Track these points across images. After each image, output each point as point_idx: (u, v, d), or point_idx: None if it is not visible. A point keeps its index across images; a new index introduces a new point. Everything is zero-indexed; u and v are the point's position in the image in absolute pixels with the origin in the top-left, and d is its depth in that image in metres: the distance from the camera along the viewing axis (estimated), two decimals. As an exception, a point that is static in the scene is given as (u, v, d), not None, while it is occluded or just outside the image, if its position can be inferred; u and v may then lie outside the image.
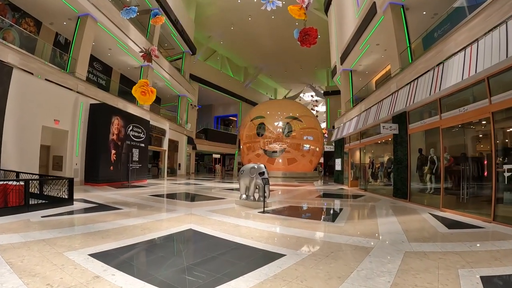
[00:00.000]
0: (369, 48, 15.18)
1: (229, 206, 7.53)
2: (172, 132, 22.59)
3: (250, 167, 7.58)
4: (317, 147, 29.09)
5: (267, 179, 7.18)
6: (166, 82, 22.03)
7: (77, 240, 4.03)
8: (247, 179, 7.61)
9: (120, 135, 13.48)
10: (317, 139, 28.81)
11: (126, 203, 7.45)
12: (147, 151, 16.29)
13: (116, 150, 13.17)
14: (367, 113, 13.15)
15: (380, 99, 12.08)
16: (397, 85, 10.90)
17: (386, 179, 12.35)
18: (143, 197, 8.87)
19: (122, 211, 6.27)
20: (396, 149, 10.65)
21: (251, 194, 7.64)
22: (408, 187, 10.02)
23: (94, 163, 12.49)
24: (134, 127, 14.61)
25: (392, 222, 6.23)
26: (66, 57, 13.10)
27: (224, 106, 43.59)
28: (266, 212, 6.76)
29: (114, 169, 13.16)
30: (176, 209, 6.92)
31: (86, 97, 12.75)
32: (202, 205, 7.58)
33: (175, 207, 7.28)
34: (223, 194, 10.79)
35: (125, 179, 13.88)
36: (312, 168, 30.06)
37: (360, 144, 14.41)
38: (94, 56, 17.70)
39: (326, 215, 7.54)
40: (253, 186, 7.54)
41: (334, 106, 39.73)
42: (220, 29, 31.66)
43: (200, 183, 16.33)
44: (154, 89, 8.14)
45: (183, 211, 6.55)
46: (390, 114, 10.92)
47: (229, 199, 9.09)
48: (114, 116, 13.16)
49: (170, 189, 12.35)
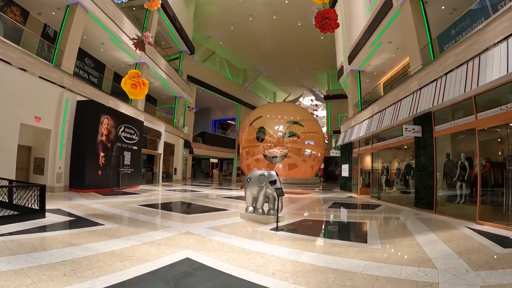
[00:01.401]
0: (380, 46, 14.17)
1: (234, 221, 6.30)
2: (168, 134, 21.34)
3: (258, 174, 6.37)
4: (319, 152, 28.02)
5: (281, 189, 5.99)
6: (163, 81, 20.85)
7: (26, 279, 2.80)
8: (255, 189, 6.39)
9: (110, 136, 12.22)
10: (318, 144, 27.75)
11: (111, 216, 6.18)
12: (140, 155, 15.02)
13: (105, 152, 11.91)
14: (381, 115, 12.06)
15: (398, 99, 11.00)
16: (419, 83, 9.83)
17: (403, 187, 11.22)
18: (132, 207, 7.59)
19: (103, 228, 5.01)
20: (419, 154, 9.53)
21: (259, 206, 6.42)
22: (434, 196, 8.89)
23: (80, 166, 11.21)
24: (126, 128, 13.37)
25: (434, 241, 5.14)
26: (54, 50, 11.87)
27: (222, 110, 42.42)
28: (279, 230, 5.56)
29: (103, 173, 11.88)
30: (169, 225, 5.63)
31: (73, 93, 11.52)
32: (201, 219, 6.32)
33: (168, 222, 5.96)
34: (224, 204, 9.54)
35: (115, 185, 12.60)
36: (313, 174, 28.95)
37: (372, 148, 13.30)
38: (86, 52, 16.51)
39: (351, 232, 6.35)
40: (262, 197, 6.33)
41: (334, 111, 38.83)
42: (220, 29, 30.65)
43: (198, 190, 15.05)
44: (146, 81, 6.94)
45: (178, 228, 5.28)
46: (411, 115, 9.82)
47: (232, 211, 7.85)
48: (103, 115, 11.91)
49: (165, 197, 11.05)
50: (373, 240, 5.14)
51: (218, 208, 8.33)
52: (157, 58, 18.62)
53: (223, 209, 8.16)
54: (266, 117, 27.85)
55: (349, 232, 6.40)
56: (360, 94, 16.56)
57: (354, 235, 5.92)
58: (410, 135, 9.40)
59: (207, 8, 27.76)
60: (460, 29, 11.00)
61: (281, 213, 6.23)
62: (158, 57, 18.93)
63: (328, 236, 5.66)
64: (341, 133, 18.41)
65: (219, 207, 8.72)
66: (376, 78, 17.84)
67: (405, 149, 11.34)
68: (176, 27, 21.55)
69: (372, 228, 6.35)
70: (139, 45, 6.94)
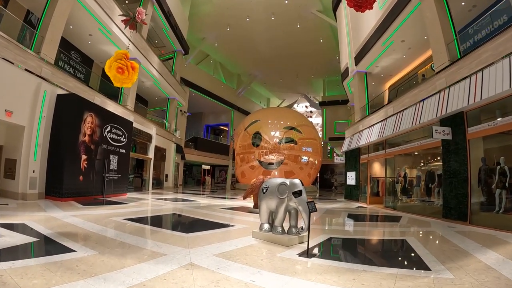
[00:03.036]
0: (392, 46, 13.26)
1: (246, 242, 4.89)
2: (159, 138, 19.83)
3: (278, 183, 5.04)
4: (316, 160, 26.97)
5: (313, 203, 4.68)
6: (155, 81, 19.42)
7: None
8: (273, 201, 5.05)
9: (94, 137, 10.72)
10: (316, 151, 26.73)
11: (87, 235, 4.69)
12: (128, 159, 13.49)
13: (88, 155, 10.39)
14: (397, 118, 11.02)
15: (419, 99, 9.97)
16: (446, 80, 8.83)
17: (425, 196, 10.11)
18: (116, 223, 6.10)
19: (72, 257, 3.47)
20: (448, 159, 8.45)
21: (278, 223, 5.06)
22: (468, 206, 7.79)
23: (58, 171, 9.66)
24: (113, 128, 11.88)
25: (502, 260, 4.19)
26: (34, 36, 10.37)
27: (215, 115, 41.03)
28: (311, 255, 4.25)
29: (85, 179, 10.33)
30: (165, 250, 4.07)
31: (52, 85, 10.04)
32: (205, 240, 4.85)
33: (163, 246, 4.32)
34: (227, 218, 8.12)
35: (99, 192, 11.04)
36: (310, 182, 27.82)
37: (385, 154, 12.21)
38: (72, 44, 15.02)
39: (399, 253, 5.11)
40: (282, 212, 4.98)
41: (330, 117, 38.05)
42: (215, 31, 29.53)
43: (191, 199, 13.54)
44: (136, 64, 5.60)
45: (176, 257, 3.80)
46: (438, 116, 8.78)
47: (240, 227, 6.46)
48: (87, 112, 10.42)
49: (156, 209, 9.49)
50: (435, 265, 3.98)
51: (222, 224, 6.89)
52: (149, 55, 17.25)
53: (227, 224, 6.74)
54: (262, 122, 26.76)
55: (396, 253, 5.15)
56: (368, 97, 15.58)
57: (406, 259, 4.67)
58: (440, 137, 8.32)
59: (203, 8, 26.64)
60: (479, 27, 10.17)
61: (303, 232, 4.92)
62: (151, 54, 17.57)
63: (377, 262, 4.38)
64: (345, 138, 17.34)
65: (222, 221, 7.31)
66: (382, 81, 16.96)
67: (427, 154, 10.30)
68: (171, 24, 20.28)
69: (418, 247, 5.12)
70: (129, 22, 5.68)
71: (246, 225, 6.62)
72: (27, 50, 9.24)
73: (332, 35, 28.38)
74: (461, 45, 9.84)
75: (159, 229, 5.84)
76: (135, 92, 16.05)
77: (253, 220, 7.61)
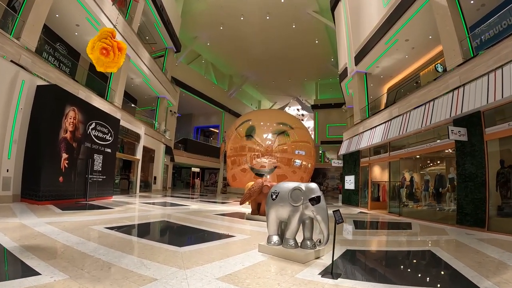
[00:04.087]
0: (395, 45, 12.81)
1: (253, 259, 3.98)
2: (148, 138, 18.78)
3: (291, 188, 4.23)
4: (309, 163, 26.41)
5: (339, 212, 3.95)
6: (145, 78, 18.42)
7: None
8: (284, 210, 4.23)
9: (76, 134, 9.71)
10: (309, 154, 26.18)
11: (59, 250, 3.74)
12: (114, 159, 12.46)
13: (69, 154, 9.36)
14: (404, 118, 10.49)
15: (428, 99, 9.45)
16: (460, 79, 8.32)
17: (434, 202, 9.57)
18: (96, 232, 5.13)
19: (31, 282, 2.57)
20: (463, 162, 7.91)
21: (290, 236, 4.22)
22: (487, 211, 7.25)
23: (35, 170, 8.60)
24: (98, 125, 10.87)
25: None
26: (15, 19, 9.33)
27: (205, 116, 40.05)
28: (336, 275, 3.50)
29: (66, 180, 9.30)
30: (153, 274, 3.12)
31: (32, 75, 9.00)
32: (203, 257, 3.89)
33: (152, 266, 3.38)
34: (224, 226, 7.21)
35: (81, 195, 10.01)
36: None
37: (389, 157, 11.65)
38: (58, 35, 13.95)
39: (433, 268, 4.42)
40: (296, 223, 4.16)
41: (323, 120, 37.70)
42: (208, 29, 28.71)
43: (182, 203, 12.58)
44: (124, 45, 4.81)
45: (169, 283, 2.86)
46: (451, 117, 8.25)
47: (241, 238, 5.57)
48: (69, 106, 9.41)
49: (143, 215, 8.43)
50: (480, 281, 3.42)
51: (220, 234, 5.96)
52: (140, 49, 16.28)
53: (226, 234, 5.84)
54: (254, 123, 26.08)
55: (430, 268, 4.46)
56: (368, 98, 15.08)
57: (446, 275, 3.98)
58: (456, 138, 7.77)
59: (196, 5, 25.81)
60: (486, 27, 9.80)
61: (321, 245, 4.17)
62: (142, 48, 16.59)
63: (416, 280, 3.66)
64: (343, 141, 16.78)
65: (219, 230, 6.41)
66: (382, 83, 16.54)
67: (437, 157, 9.79)
68: (163, 19, 19.36)
69: (449, 259, 4.47)
70: None
71: (247, 235, 5.80)
72: (4, 34, 8.21)
73: (327, 37, 28.05)
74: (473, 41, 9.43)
75: (147, 241, 4.86)
76: (123, 88, 15.04)
77: (253, 228, 6.84)
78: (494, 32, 10.73)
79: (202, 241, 5.29)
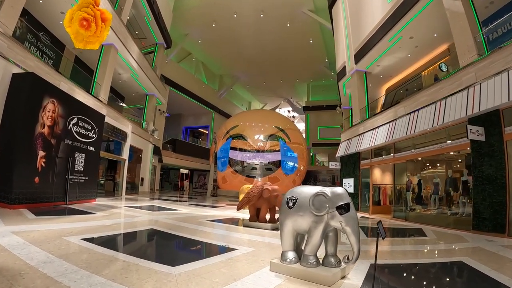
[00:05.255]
0: (399, 42, 12.38)
1: (268, 282, 3.14)
2: (136, 137, 17.69)
3: (313, 193, 3.42)
4: (302, 166, 25.89)
5: (381, 223, 3.21)
6: (133, 73, 17.36)
7: None
8: (303, 220, 3.42)
9: (55, 129, 8.66)
10: (301, 156, 25.65)
11: (14, 275, 2.73)
12: (98, 158, 11.40)
13: (46, 151, 8.31)
14: (412, 118, 9.97)
15: (440, 97, 8.95)
16: (476, 76, 7.83)
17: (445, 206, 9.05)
18: (68, 245, 4.09)
19: None
20: (481, 163, 7.40)
21: (311, 252, 3.38)
22: (507, 216, 6.75)
23: (7, 169, 7.53)
24: (81, 120, 9.83)
25: None
26: None
27: (195, 116, 38.95)
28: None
29: (42, 181, 8.23)
30: None
31: (7, 62, 7.96)
32: (204, 282, 2.96)
33: None
34: (221, 235, 6.31)
35: (61, 198, 8.94)
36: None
37: (393, 159, 11.10)
38: (41, 24, 12.88)
39: (477, 283, 3.77)
40: (319, 236, 3.33)
41: (314, 122, 37.30)
42: (200, 27, 27.82)
43: (171, 207, 11.57)
44: (109, 14, 3.96)
45: None
46: (467, 115, 7.74)
47: (245, 251, 4.56)
48: (48, 97, 8.36)
49: (128, 221, 7.37)
50: None
51: (218, 247, 5.07)
52: (128, 42, 15.25)
53: (226, 247, 4.93)
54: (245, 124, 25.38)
55: (474, 284, 3.82)
56: (368, 98, 14.59)
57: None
58: (474, 138, 7.24)
59: (188, 1, 24.90)
60: (494, 27, 9.46)
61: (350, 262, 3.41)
62: (130, 41, 15.56)
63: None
64: (341, 142, 16.23)
65: (217, 242, 5.55)
66: (380, 83, 16.12)
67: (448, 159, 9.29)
68: (154, 12, 18.38)
69: (489, 271, 3.86)
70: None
71: (250, 248, 4.88)
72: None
73: (322, 37, 27.66)
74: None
75: (131, 258, 3.71)
76: (110, 82, 13.98)
77: (254, 238, 5.99)
78: (502, 30, 10.47)
79: (199, 257, 4.33)
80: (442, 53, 12.77)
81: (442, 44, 12.41)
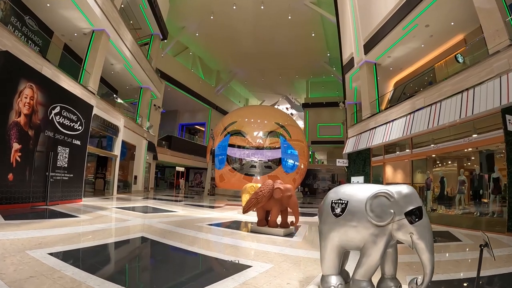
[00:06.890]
0: (413, 31, 11.53)
1: None
2: (129, 132, 16.60)
3: (370, 194, 2.43)
4: (302, 164, 25.02)
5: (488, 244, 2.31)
6: (127, 64, 16.24)
7: None
8: (357, 232, 2.42)
9: (34, 119, 7.59)
10: (302, 154, 24.79)
11: None
12: (85, 153, 10.29)
13: (23, 144, 7.25)
14: (433, 109, 9.08)
15: (466, 87, 8.07)
16: (510, 62, 6.95)
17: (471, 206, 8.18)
18: (28, 263, 2.99)
19: None
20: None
21: (365, 276, 2.39)
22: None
23: (-26, 165, 6.48)
24: (65, 110, 8.76)
25: None
26: None
27: (191, 113, 37.87)
28: None
29: (17, 178, 7.17)
30: None
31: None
32: None
33: None
34: (227, 245, 5.19)
35: (40, 198, 7.88)
36: (295, 188, 25.70)
37: (411, 155, 10.20)
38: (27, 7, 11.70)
39: None
40: (379, 254, 2.35)
41: (313, 120, 36.45)
42: (197, 19, 26.69)
43: (167, 208, 10.43)
44: None
45: None
46: (501, 105, 6.87)
47: (262, 270, 3.44)
48: (25, 81, 7.29)
49: (116, 227, 6.27)
50: None
51: (227, 262, 3.86)
52: (122, 29, 14.14)
53: (237, 263, 3.74)
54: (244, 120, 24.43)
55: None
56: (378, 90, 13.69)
57: None
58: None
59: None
60: None
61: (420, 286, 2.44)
62: (124, 28, 14.46)
63: None
64: (349, 138, 15.32)
65: (224, 255, 4.32)
66: (389, 76, 15.26)
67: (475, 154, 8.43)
68: (150, 0, 17.28)
69: None
70: None
71: (267, 263, 3.76)
72: None
73: (323, 31, 26.73)
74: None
75: (112, 286, 2.66)
76: (100, 71, 12.88)
77: (268, 249, 4.76)
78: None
79: (203, 281, 3.06)
80: (457, 44, 11.94)
81: (458, 34, 11.60)
